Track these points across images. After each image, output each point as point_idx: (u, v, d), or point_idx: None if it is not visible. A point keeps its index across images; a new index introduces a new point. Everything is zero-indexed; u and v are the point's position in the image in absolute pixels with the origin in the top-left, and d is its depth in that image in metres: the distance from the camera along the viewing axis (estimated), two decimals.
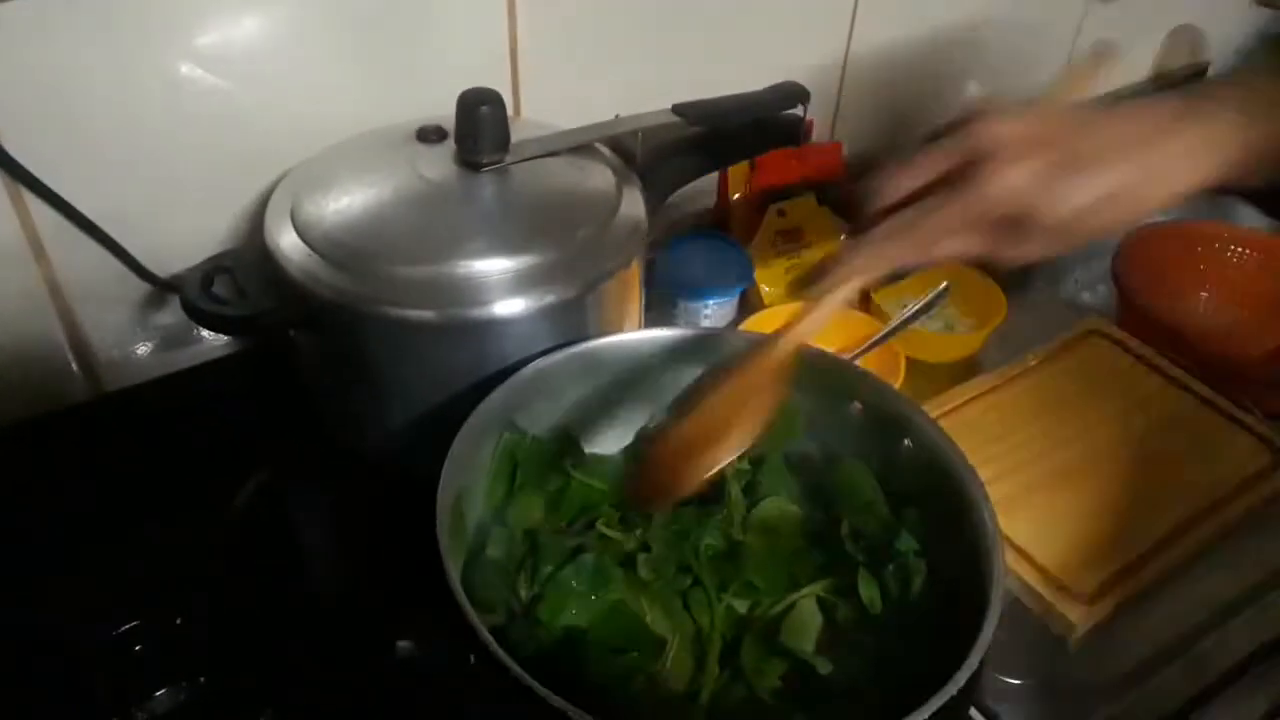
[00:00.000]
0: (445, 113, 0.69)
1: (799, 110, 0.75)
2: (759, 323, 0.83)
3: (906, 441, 0.62)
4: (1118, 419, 0.80)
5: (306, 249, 0.64)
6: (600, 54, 0.85)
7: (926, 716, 0.45)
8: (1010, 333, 0.89)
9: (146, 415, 0.75)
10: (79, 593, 0.63)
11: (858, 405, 0.65)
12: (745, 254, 0.90)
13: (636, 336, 0.68)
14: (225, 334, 0.74)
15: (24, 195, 0.66)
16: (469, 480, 0.59)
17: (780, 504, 0.65)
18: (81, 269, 0.71)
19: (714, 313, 0.87)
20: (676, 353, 0.67)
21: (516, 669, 0.45)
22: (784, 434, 0.66)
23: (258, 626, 0.62)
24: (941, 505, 0.58)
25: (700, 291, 0.87)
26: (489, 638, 0.46)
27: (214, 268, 0.65)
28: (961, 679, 0.46)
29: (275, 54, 0.71)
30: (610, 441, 0.68)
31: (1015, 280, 0.96)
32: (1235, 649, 0.68)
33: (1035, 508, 0.73)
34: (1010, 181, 0.50)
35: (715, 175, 0.93)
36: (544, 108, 0.83)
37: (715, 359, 0.66)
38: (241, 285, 0.65)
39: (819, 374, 0.64)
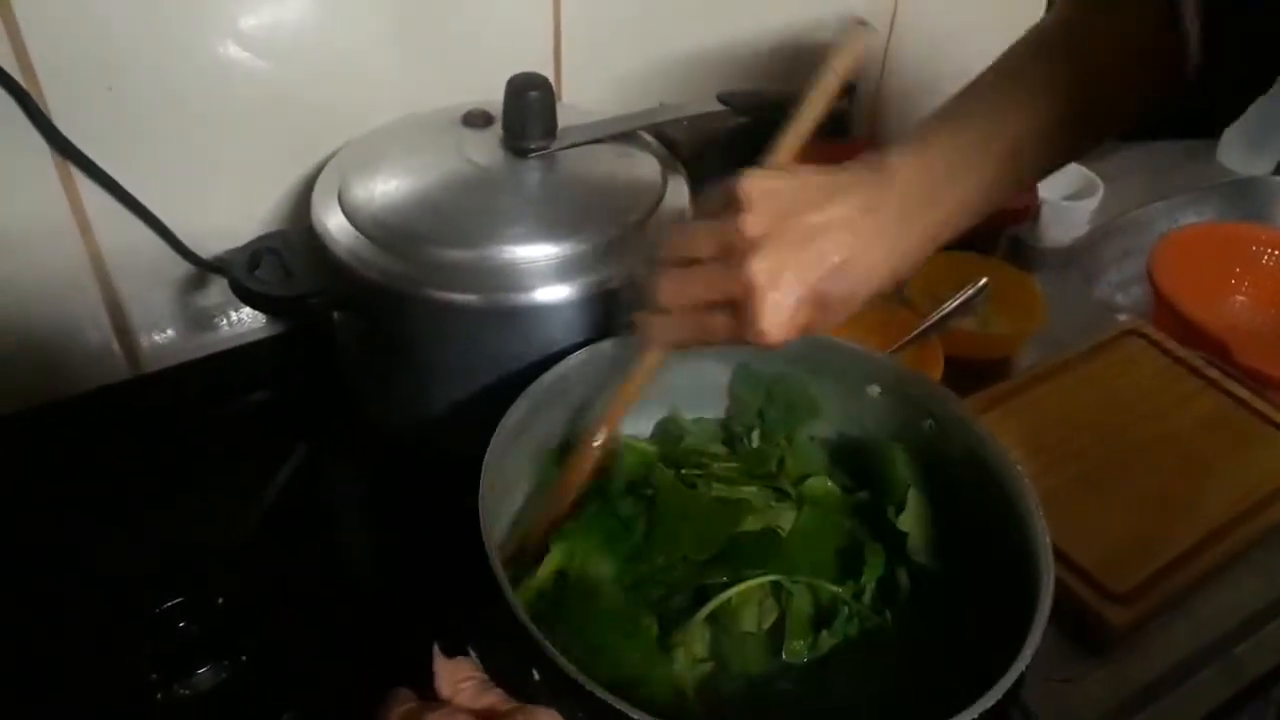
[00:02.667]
0: (488, 96, 0.69)
1: (844, 103, 0.74)
2: None
3: (929, 423, 0.62)
4: (1155, 420, 0.80)
5: (354, 231, 0.64)
6: (644, 40, 0.85)
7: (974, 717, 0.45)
8: (1045, 332, 0.88)
9: (187, 396, 0.75)
10: (121, 569, 0.63)
11: (875, 389, 0.65)
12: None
13: None
14: (272, 314, 0.75)
15: (73, 172, 0.67)
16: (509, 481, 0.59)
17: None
18: (126, 247, 0.71)
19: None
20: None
21: (601, 692, 0.44)
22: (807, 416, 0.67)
23: (296, 608, 0.63)
24: (986, 503, 0.58)
25: None
26: (565, 662, 0.46)
27: (261, 248, 0.65)
28: (1010, 680, 0.46)
29: (320, 36, 0.71)
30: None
31: (1049, 279, 0.96)
32: (1271, 653, 0.67)
33: (1072, 507, 0.72)
34: (779, 334, 0.50)
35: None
36: (586, 92, 0.83)
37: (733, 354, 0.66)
38: (288, 266, 0.65)
39: (840, 361, 0.65)
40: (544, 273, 0.63)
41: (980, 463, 0.59)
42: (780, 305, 0.49)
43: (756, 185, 0.50)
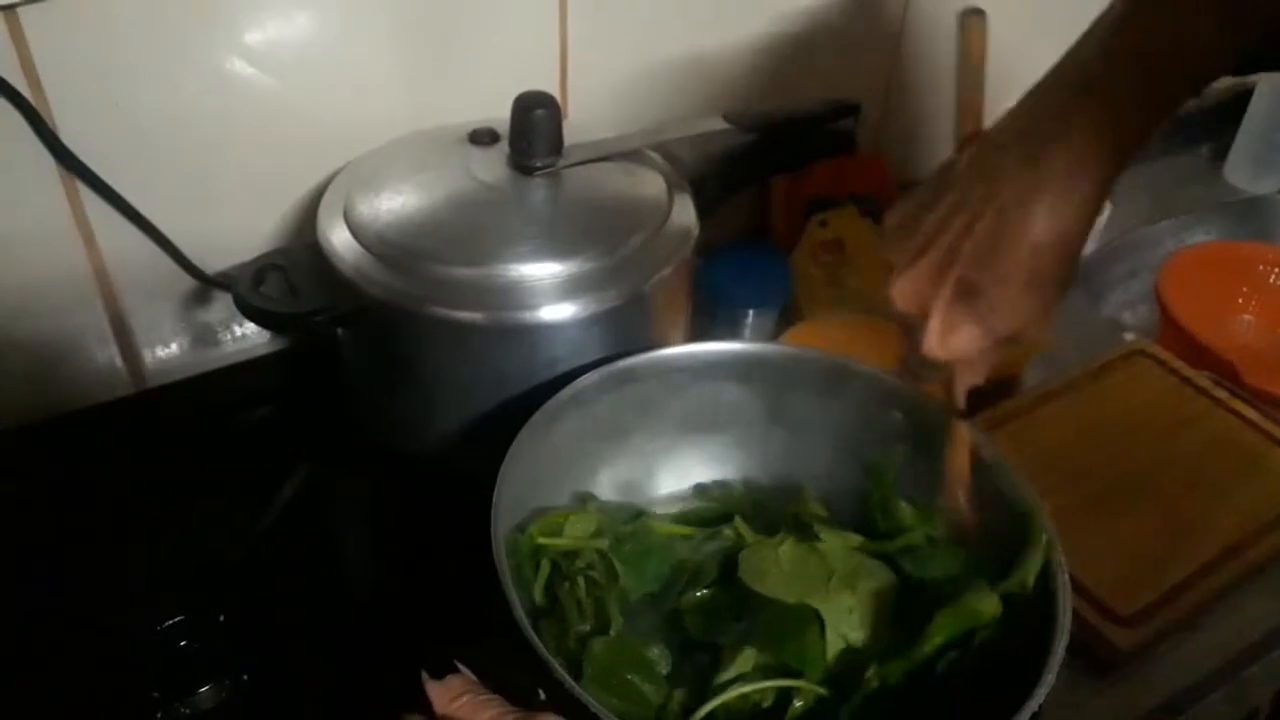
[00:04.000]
0: (495, 113, 0.69)
1: (850, 122, 0.75)
2: (799, 335, 0.82)
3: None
4: (1162, 440, 0.80)
5: (359, 247, 0.64)
6: (650, 59, 0.85)
7: None
8: (1051, 351, 0.88)
9: (190, 412, 0.75)
10: (123, 587, 0.63)
11: (898, 414, 0.64)
12: (786, 265, 0.90)
13: (678, 352, 0.67)
14: (276, 331, 0.75)
15: (78, 186, 0.67)
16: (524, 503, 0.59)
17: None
18: (129, 261, 0.71)
19: (754, 323, 0.87)
20: (719, 367, 0.66)
21: (596, 706, 0.44)
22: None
23: (299, 626, 0.62)
24: (1002, 526, 0.58)
25: (741, 301, 0.87)
26: (569, 681, 0.46)
27: (266, 265, 0.65)
28: (1033, 706, 0.46)
29: (325, 51, 0.71)
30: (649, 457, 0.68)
31: None
32: None
33: (1077, 528, 0.71)
34: (941, 347, 0.49)
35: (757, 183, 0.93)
36: (592, 110, 0.83)
37: (762, 376, 0.66)
38: (293, 283, 0.65)
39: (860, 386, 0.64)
40: (549, 291, 0.62)
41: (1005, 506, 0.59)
42: (923, 322, 0.49)
43: (887, 223, 0.51)
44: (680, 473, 0.69)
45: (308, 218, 0.70)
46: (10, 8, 0.59)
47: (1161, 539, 0.72)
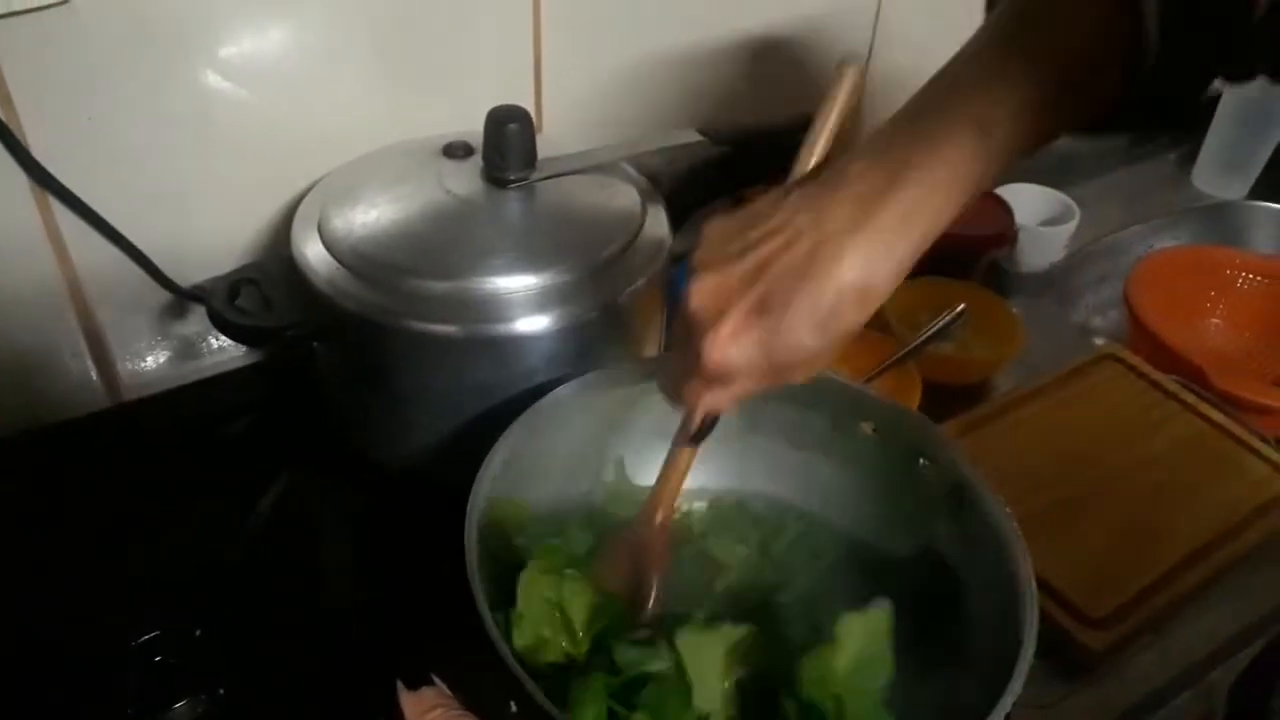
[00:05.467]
0: (469, 127, 0.70)
1: None
2: None
3: (923, 461, 0.62)
4: (1131, 444, 0.81)
5: (333, 261, 0.64)
6: (624, 73, 0.85)
7: None
8: (1023, 356, 0.89)
9: (166, 425, 0.75)
10: (99, 602, 0.63)
11: (869, 426, 0.65)
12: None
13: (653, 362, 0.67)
14: (250, 345, 0.74)
15: (49, 199, 0.67)
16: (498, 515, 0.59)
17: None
18: (104, 274, 0.71)
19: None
20: None
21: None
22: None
23: (277, 640, 0.62)
24: (969, 533, 0.58)
25: None
26: (543, 698, 0.45)
27: (240, 279, 0.65)
28: (1004, 708, 0.46)
29: (300, 66, 0.71)
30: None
31: (1026, 303, 0.97)
32: None
33: (1049, 532, 0.72)
34: (718, 355, 0.47)
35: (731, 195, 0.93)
36: (566, 124, 0.83)
37: None
38: (267, 296, 0.65)
39: (832, 396, 0.65)
40: (524, 303, 0.63)
41: (968, 505, 0.59)
42: (715, 322, 0.47)
43: (708, 225, 0.50)
44: None
45: (283, 231, 0.70)
46: None
47: (1132, 541, 0.73)
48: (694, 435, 0.55)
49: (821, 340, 0.46)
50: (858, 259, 0.45)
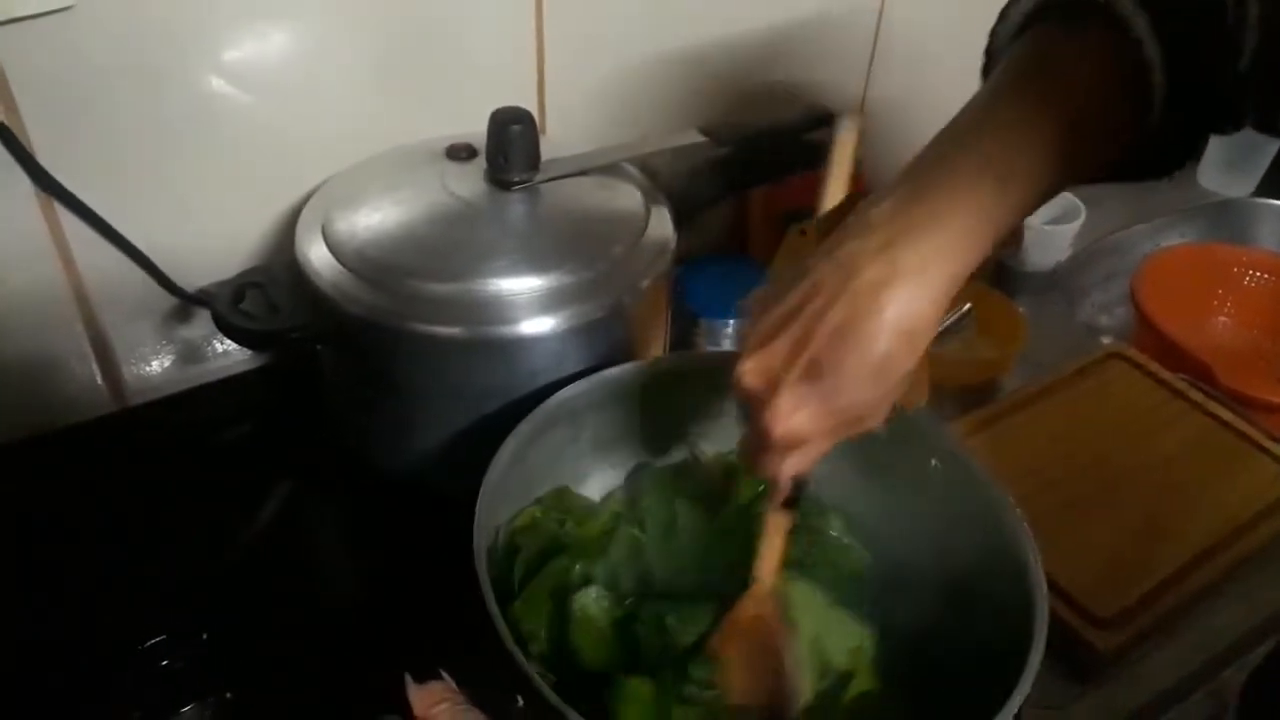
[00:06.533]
0: (471, 128, 0.70)
1: (825, 133, 0.75)
2: None
3: (934, 463, 0.62)
4: (1139, 443, 0.80)
5: (337, 264, 0.64)
6: (627, 74, 0.85)
7: None
8: (1028, 354, 0.89)
9: (169, 429, 0.75)
10: (104, 606, 0.63)
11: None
12: (765, 274, 0.90)
13: (659, 362, 0.67)
14: (255, 348, 0.74)
15: (54, 204, 0.67)
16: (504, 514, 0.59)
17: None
18: (108, 279, 0.71)
19: (735, 331, 0.87)
20: (702, 377, 0.66)
21: (574, 716, 0.44)
22: None
23: (282, 643, 0.62)
24: (977, 533, 0.58)
25: (722, 310, 0.87)
26: (545, 688, 0.45)
27: (245, 283, 0.65)
28: (1012, 709, 0.46)
29: (304, 69, 0.71)
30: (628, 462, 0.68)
31: (1032, 302, 0.97)
32: None
33: (1056, 532, 0.72)
34: (783, 426, 0.48)
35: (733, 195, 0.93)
36: (569, 125, 0.83)
37: None
38: (272, 300, 0.65)
39: None
40: (528, 305, 0.63)
41: (976, 502, 0.59)
42: (770, 398, 0.47)
43: (747, 301, 0.51)
44: None
45: (287, 234, 0.70)
46: None
47: (1140, 541, 0.73)
48: (786, 502, 0.55)
49: (881, 388, 0.47)
50: (896, 307, 0.45)
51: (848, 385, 0.46)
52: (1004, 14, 0.50)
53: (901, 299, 0.45)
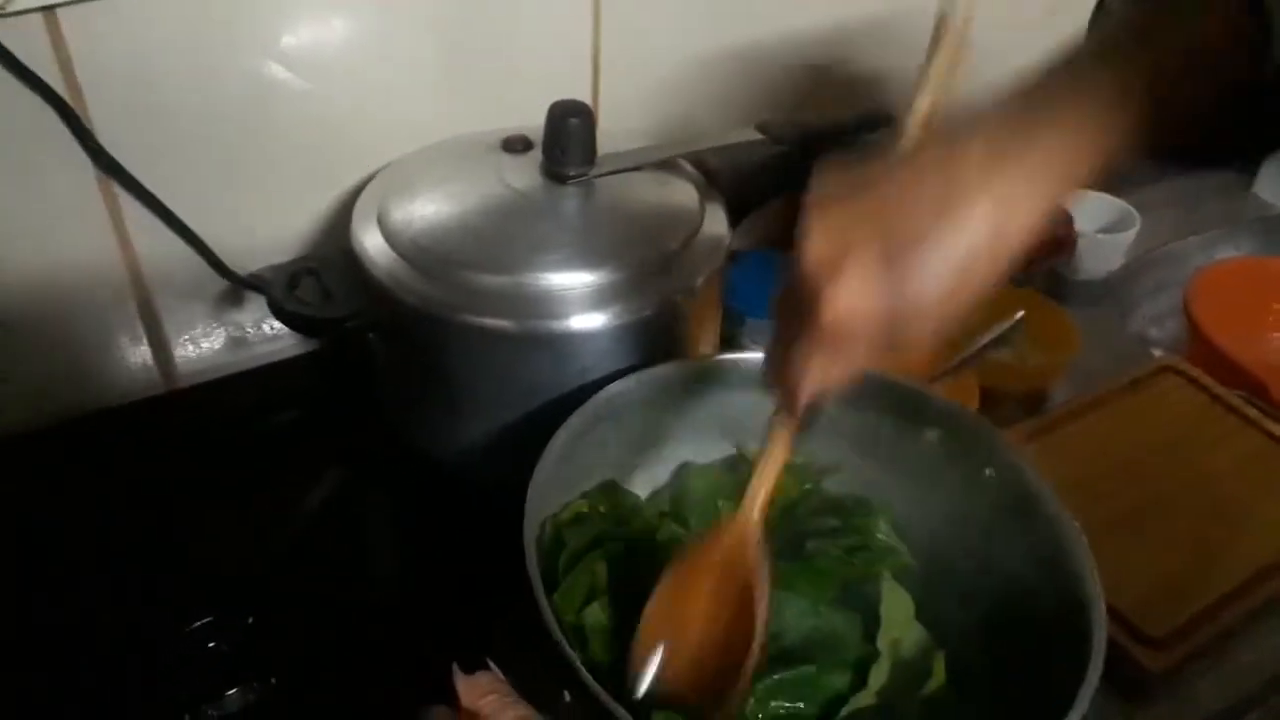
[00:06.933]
0: (525, 120, 0.70)
1: (884, 134, 0.74)
2: None
3: (988, 471, 0.61)
4: (1192, 459, 0.79)
5: (392, 253, 0.64)
6: (683, 67, 0.85)
7: None
8: (1078, 364, 0.87)
9: (220, 412, 0.75)
10: (151, 587, 0.63)
11: (933, 433, 0.64)
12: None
13: (710, 361, 0.67)
14: (309, 335, 0.75)
15: (113, 186, 0.67)
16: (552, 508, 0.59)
17: None
18: (163, 261, 0.72)
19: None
20: (753, 377, 0.66)
21: (621, 713, 0.44)
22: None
23: (328, 629, 0.62)
24: (1030, 546, 0.57)
25: (768, 310, 0.86)
26: (598, 688, 0.45)
27: (300, 269, 0.66)
28: None
29: (362, 56, 0.71)
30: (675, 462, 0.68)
31: (1083, 312, 0.95)
32: None
33: (1106, 548, 0.70)
34: (842, 305, 0.42)
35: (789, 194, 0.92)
36: (623, 117, 0.83)
37: None
38: (326, 287, 0.65)
39: (895, 400, 0.64)
40: (581, 300, 0.62)
41: (1034, 517, 0.58)
42: (836, 271, 0.42)
43: (822, 166, 0.46)
44: None
45: (340, 220, 0.70)
46: (50, 8, 0.60)
47: (1192, 559, 0.71)
48: (800, 416, 0.49)
49: (949, 298, 0.43)
50: (990, 209, 0.42)
51: (920, 279, 0.42)
52: None
53: (995, 204, 0.42)
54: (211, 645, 0.60)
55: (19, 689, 0.58)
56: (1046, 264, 0.95)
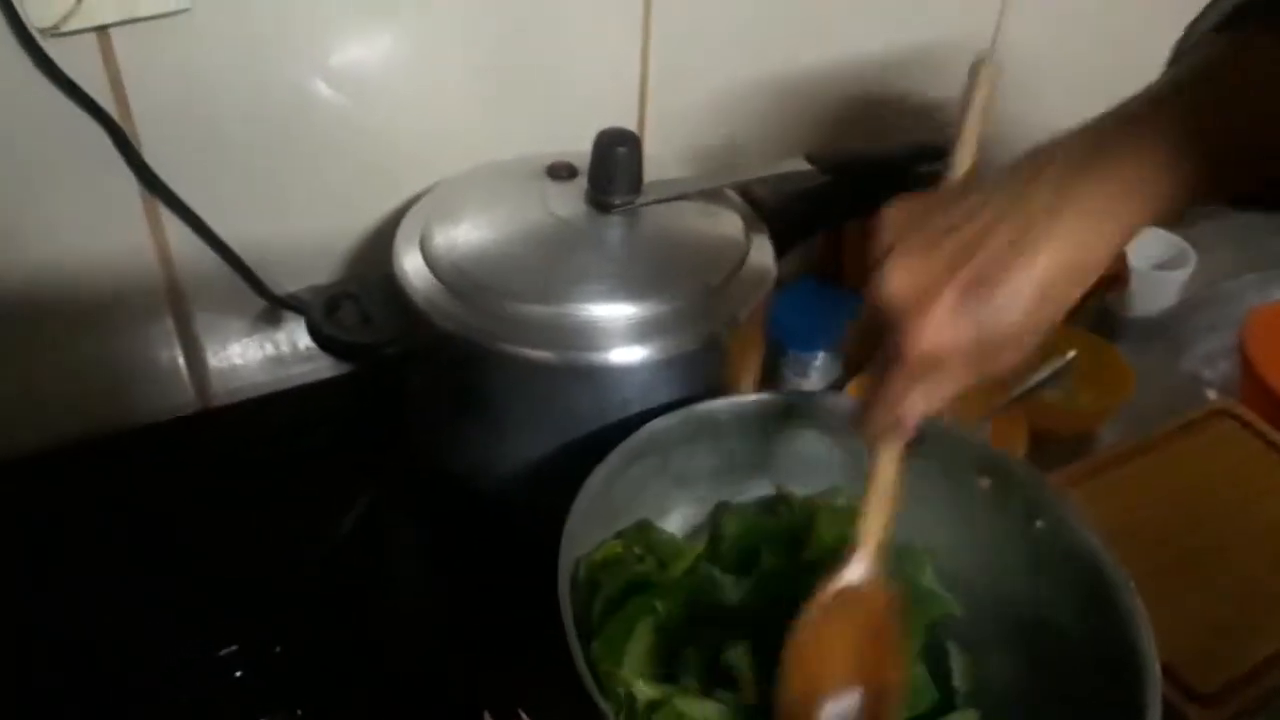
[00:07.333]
0: (571, 146, 0.69)
1: (937, 167, 0.73)
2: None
3: (1039, 523, 0.59)
4: (1246, 508, 0.76)
5: (433, 278, 0.63)
6: (730, 96, 0.84)
7: None
8: (1129, 407, 0.85)
9: (254, 432, 0.75)
10: (177, 612, 0.63)
11: (985, 481, 0.62)
12: (857, 303, 0.88)
13: (756, 398, 0.65)
14: (347, 360, 0.74)
15: (157, 204, 0.67)
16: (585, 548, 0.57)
17: None
18: (203, 278, 0.72)
19: (824, 364, 0.85)
20: (799, 415, 0.64)
21: None
22: None
23: (356, 659, 0.61)
24: (1080, 602, 0.56)
25: (809, 342, 0.85)
26: None
27: (340, 293, 0.65)
28: None
29: (408, 78, 0.71)
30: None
31: (1134, 350, 0.93)
32: None
33: (1154, 598, 0.68)
34: (929, 341, 0.44)
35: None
36: (669, 146, 0.82)
37: (843, 426, 0.63)
38: (365, 311, 0.64)
39: (947, 446, 0.62)
40: (622, 332, 0.61)
41: (1082, 571, 0.57)
42: (922, 306, 0.44)
43: (888, 210, 0.48)
44: None
45: (381, 243, 0.70)
46: (104, 28, 0.60)
47: (1244, 613, 0.69)
48: (911, 444, 0.50)
49: (1035, 318, 0.44)
50: (1070, 235, 0.43)
51: (1008, 303, 0.43)
52: (1192, 24, 0.48)
53: (1074, 231, 0.43)
54: (238, 675, 0.59)
55: (44, 715, 0.57)
56: (1099, 300, 0.93)
